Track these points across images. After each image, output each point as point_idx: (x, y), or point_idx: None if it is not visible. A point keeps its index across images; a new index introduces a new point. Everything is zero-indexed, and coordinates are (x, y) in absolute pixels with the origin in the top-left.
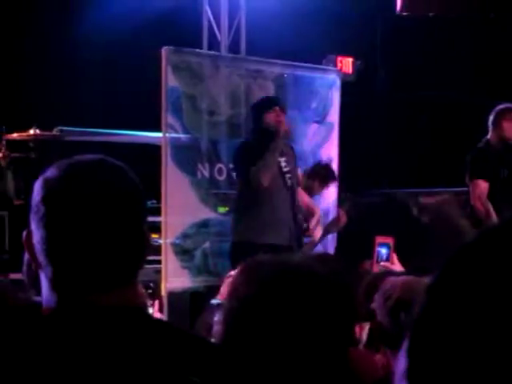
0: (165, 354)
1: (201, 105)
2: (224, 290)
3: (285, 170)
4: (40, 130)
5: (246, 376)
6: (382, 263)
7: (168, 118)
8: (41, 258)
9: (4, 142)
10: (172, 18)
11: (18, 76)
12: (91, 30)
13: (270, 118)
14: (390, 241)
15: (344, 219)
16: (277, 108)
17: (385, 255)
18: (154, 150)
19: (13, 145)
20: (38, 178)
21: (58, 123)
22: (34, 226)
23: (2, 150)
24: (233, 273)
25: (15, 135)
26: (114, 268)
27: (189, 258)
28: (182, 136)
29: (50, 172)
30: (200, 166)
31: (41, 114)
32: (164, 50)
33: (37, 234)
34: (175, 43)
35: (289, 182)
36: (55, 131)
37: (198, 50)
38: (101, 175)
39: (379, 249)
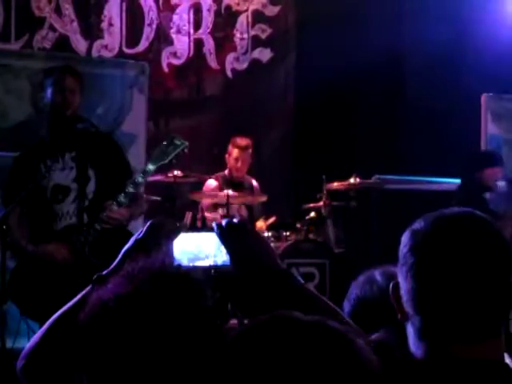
0: None
1: None
2: None
3: None
4: (360, 178)
5: None
6: None
7: None
8: (408, 308)
9: (325, 192)
10: (491, 64)
11: (339, 126)
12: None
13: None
14: None
15: None
16: None
17: None
18: None
19: (333, 194)
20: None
21: (375, 171)
22: (401, 277)
23: (323, 199)
24: None
25: (335, 184)
26: (480, 320)
27: None
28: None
29: (418, 223)
30: None
31: (360, 162)
32: (484, 97)
33: (404, 285)
34: (495, 89)
35: None
36: (374, 179)
37: None
38: (469, 227)
39: None
